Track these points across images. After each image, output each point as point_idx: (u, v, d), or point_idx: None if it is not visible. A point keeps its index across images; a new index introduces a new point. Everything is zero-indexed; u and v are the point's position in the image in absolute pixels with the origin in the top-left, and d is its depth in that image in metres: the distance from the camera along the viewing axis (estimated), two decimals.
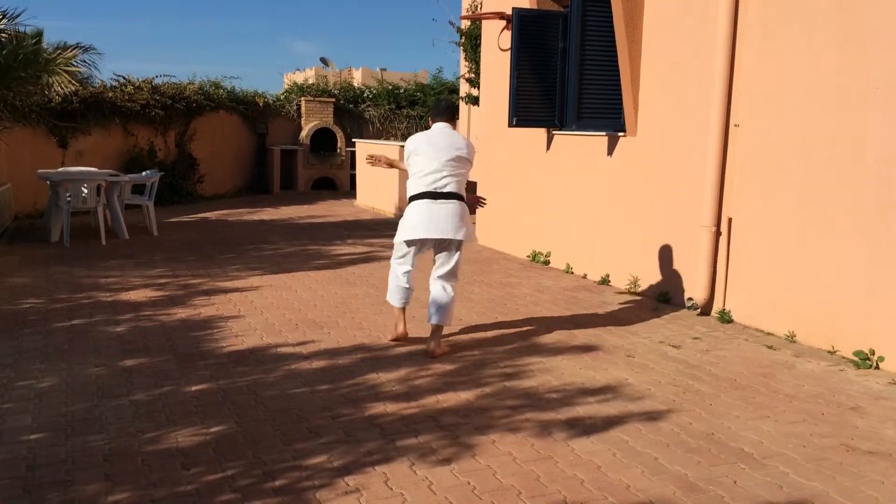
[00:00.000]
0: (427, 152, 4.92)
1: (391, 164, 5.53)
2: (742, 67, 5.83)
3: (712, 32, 5.97)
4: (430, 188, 4.88)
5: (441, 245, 5.00)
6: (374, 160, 5.47)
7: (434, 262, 5.10)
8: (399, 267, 5.15)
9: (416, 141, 5.04)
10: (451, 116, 5.15)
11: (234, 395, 4.20)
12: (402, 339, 5.25)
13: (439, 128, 5.08)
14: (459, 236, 4.89)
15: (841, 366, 4.94)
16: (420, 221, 4.88)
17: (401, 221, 5.06)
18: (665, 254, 6.66)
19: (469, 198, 5.12)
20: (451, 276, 5.05)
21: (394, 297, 5.20)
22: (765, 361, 5.02)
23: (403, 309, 5.23)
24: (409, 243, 5.04)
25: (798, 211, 5.44)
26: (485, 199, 5.56)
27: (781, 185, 5.57)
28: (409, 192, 4.98)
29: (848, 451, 3.63)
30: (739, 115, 5.88)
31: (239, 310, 6.12)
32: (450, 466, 3.37)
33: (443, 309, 4.97)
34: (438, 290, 5.03)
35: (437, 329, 4.99)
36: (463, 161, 4.96)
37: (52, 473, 3.22)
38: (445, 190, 4.88)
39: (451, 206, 4.88)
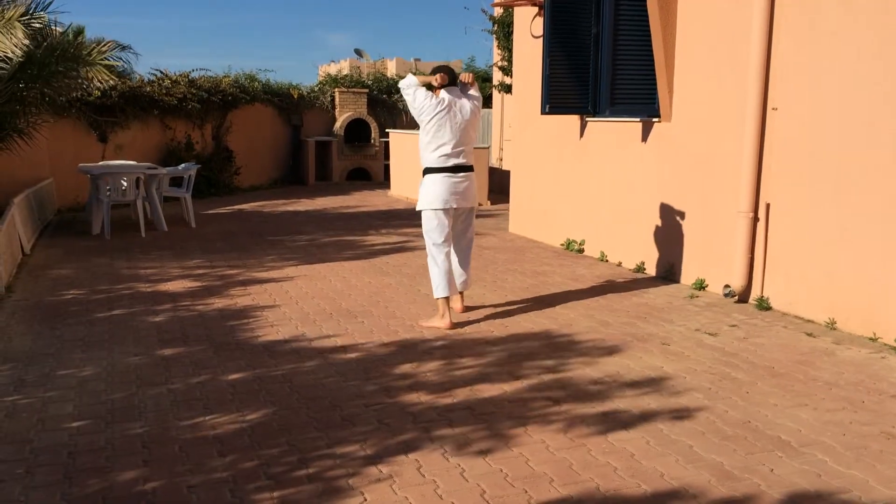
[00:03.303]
0: (446, 125, 5.33)
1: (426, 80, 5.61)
2: (779, 49, 5.70)
3: (748, 14, 5.85)
4: (449, 163, 5.38)
5: (459, 213, 5.56)
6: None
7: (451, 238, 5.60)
8: (439, 252, 5.42)
9: (434, 106, 5.31)
10: (454, 81, 5.49)
11: (270, 383, 4.26)
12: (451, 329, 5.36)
13: (452, 97, 5.39)
14: (476, 204, 5.64)
15: (883, 353, 4.83)
16: (445, 192, 5.37)
17: (423, 191, 5.46)
18: (701, 241, 6.56)
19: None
20: (471, 241, 5.73)
21: (444, 288, 5.39)
22: (804, 349, 4.93)
23: (449, 298, 5.42)
24: (443, 211, 5.40)
25: (838, 196, 5.32)
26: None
27: (821, 170, 5.45)
28: (427, 164, 5.42)
29: (889, 440, 3.55)
30: (777, 99, 5.75)
31: (274, 299, 6.19)
32: (483, 454, 3.37)
33: (469, 276, 5.76)
34: (464, 261, 5.68)
35: (462, 291, 5.80)
36: (473, 123, 5.45)
37: (92, 460, 3.30)
38: (462, 164, 5.42)
39: (468, 178, 5.48)
